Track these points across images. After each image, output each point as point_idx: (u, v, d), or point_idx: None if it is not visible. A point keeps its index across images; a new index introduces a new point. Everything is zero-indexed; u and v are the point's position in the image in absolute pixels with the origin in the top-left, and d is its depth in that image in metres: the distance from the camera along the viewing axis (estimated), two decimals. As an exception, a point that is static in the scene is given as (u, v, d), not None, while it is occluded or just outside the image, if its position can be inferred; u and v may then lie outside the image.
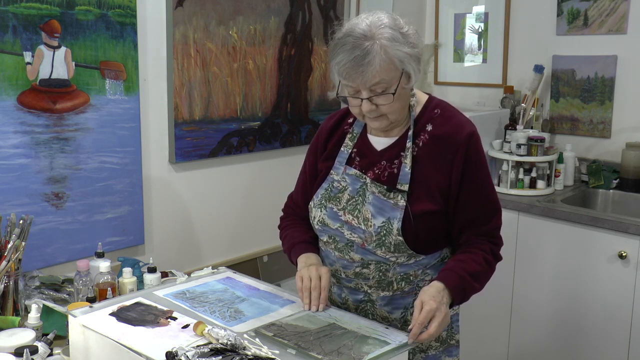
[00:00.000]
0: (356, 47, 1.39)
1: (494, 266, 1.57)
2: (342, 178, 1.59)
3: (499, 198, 1.62)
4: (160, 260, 2.46)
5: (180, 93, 2.55)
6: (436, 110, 1.57)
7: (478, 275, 1.52)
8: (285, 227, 1.75)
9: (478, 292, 1.55)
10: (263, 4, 2.81)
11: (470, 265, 1.50)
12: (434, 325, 1.37)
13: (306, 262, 1.58)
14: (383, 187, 1.53)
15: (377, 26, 1.42)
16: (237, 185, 2.88)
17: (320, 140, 1.69)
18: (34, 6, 2.07)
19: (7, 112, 2.05)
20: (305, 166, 1.74)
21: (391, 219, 1.49)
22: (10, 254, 1.74)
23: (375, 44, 1.40)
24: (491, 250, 1.56)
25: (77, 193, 2.26)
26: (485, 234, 1.56)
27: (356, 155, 1.60)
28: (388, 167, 1.55)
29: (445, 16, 3.63)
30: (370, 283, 1.56)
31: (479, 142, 1.55)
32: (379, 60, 1.39)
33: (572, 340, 2.68)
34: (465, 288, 1.48)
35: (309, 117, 3.11)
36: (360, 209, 1.54)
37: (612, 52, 3.02)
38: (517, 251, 2.79)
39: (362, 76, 1.40)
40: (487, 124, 3.10)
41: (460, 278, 1.47)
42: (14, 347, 1.50)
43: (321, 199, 1.60)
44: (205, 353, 1.23)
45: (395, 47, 1.41)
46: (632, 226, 2.46)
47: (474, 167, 1.52)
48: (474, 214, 1.54)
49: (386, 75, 1.42)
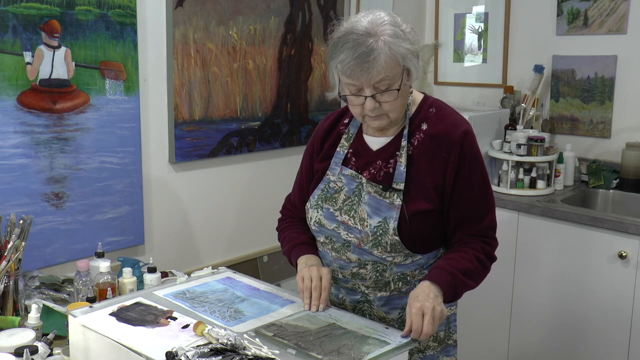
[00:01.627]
0: (360, 44, 1.39)
1: (488, 265, 1.56)
2: (338, 178, 1.59)
3: (495, 198, 1.62)
4: (160, 260, 2.46)
5: (180, 93, 2.55)
6: (431, 109, 1.57)
7: (470, 272, 1.50)
8: (284, 229, 1.74)
9: (472, 289, 1.54)
10: (263, 4, 2.81)
11: (460, 263, 1.49)
12: (426, 322, 1.36)
13: (306, 262, 1.58)
14: (379, 186, 1.53)
15: (379, 23, 1.42)
16: (237, 185, 2.88)
17: (316, 141, 1.69)
18: (34, 6, 2.07)
19: (7, 112, 2.05)
20: (302, 167, 1.74)
21: (387, 219, 1.49)
22: (10, 254, 1.74)
23: (380, 40, 1.40)
24: (483, 249, 1.54)
25: (77, 193, 2.26)
26: (478, 233, 1.55)
27: (352, 155, 1.60)
28: (384, 167, 1.55)
29: (445, 16, 3.63)
30: (367, 283, 1.56)
31: (474, 140, 1.55)
32: (384, 57, 1.39)
33: (572, 340, 2.68)
34: (456, 284, 1.47)
35: (309, 117, 3.11)
36: (356, 209, 1.53)
37: (612, 52, 3.02)
38: (517, 251, 2.79)
39: (368, 73, 1.40)
40: (487, 124, 3.10)
41: (450, 274, 1.47)
42: (14, 347, 1.50)
43: (317, 200, 1.60)
44: (205, 353, 1.23)
45: (397, 43, 1.41)
46: (632, 226, 2.46)
47: (469, 165, 1.52)
48: (467, 212, 1.53)
49: (390, 71, 1.42)
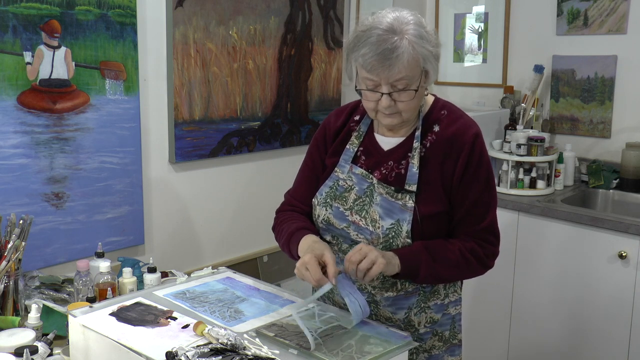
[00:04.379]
0: (384, 40, 1.39)
1: (475, 266, 1.53)
2: (348, 177, 1.58)
3: (498, 200, 1.61)
4: (160, 260, 2.46)
5: (180, 93, 2.55)
6: (443, 111, 1.57)
7: (444, 260, 1.48)
8: (280, 222, 1.66)
9: (445, 280, 1.53)
10: (263, 4, 2.81)
11: (438, 247, 1.48)
12: (365, 260, 1.36)
13: (304, 246, 1.49)
14: (391, 188, 1.52)
15: (404, 22, 1.42)
16: (237, 185, 2.88)
17: (326, 134, 1.67)
18: (34, 6, 2.07)
19: (7, 112, 2.05)
20: (307, 162, 1.71)
21: (400, 221, 1.49)
22: (10, 254, 1.74)
23: (404, 39, 1.40)
24: (472, 249, 1.51)
25: (77, 193, 2.26)
26: (474, 234, 1.53)
27: (362, 153, 1.60)
28: (395, 168, 1.55)
29: (445, 16, 3.63)
30: (374, 284, 1.56)
31: (483, 143, 1.56)
32: (407, 56, 1.39)
33: (572, 340, 2.68)
34: (420, 262, 1.45)
35: (309, 117, 3.11)
36: (368, 210, 1.53)
37: (612, 52, 3.02)
38: (517, 251, 2.79)
39: (389, 70, 1.40)
40: (487, 124, 3.10)
41: (417, 251, 1.46)
42: (14, 347, 1.50)
43: (326, 197, 1.59)
44: (205, 353, 1.23)
45: (421, 44, 1.41)
46: (632, 226, 2.46)
47: (475, 167, 1.52)
48: (467, 212, 1.53)
49: (410, 72, 1.42)
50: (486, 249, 1.54)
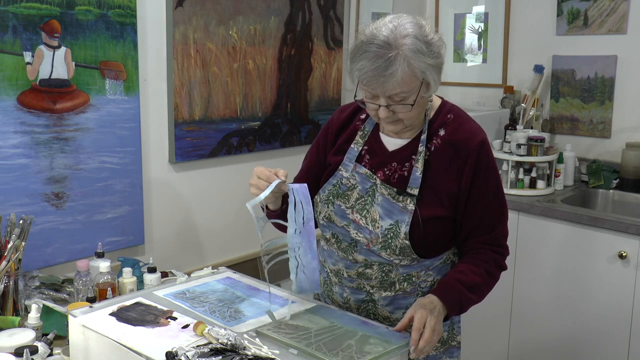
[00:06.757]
0: (379, 56, 1.37)
1: (498, 276, 1.56)
2: (351, 175, 1.58)
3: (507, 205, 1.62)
4: (160, 260, 2.46)
5: (180, 93, 2.55)
6: (449, 115, 1.57)
7: (476, 287, 1.50)
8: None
9: (477, 303, 1.54)
10: (263, 4, 2.81)
11: (469, 277, 1.49)
12: (428, 329, 1.35)
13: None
14: (393, 189, 1.52)
15: (402, 35, 1.39)
16: (237, 185, 2.88)
17: (330, 132, 1.67)
18: (34, 6, 2.07)
19: (7, 112, 2.05)
20: (309, 159, 1.72)
21: (399, 222, 1.49)
22: (10, 254, 1.74)
23: (399, 54, 1.37)
24: (494, 260, 1.54)
25: (77, 193, 2.26)
26: (490, 241, 1.55)
27: (366, 153, 1.60)
28: (399, 170, 1.54)
29: (445, 16, 3.63)
30: (372, 283, 1.56)
31: (490, 149, 1.55)
32: (401, 73, 1.37)
33: (572, 339, 2.68)
34: (462, 302, 1.48)
35: (309, 117, 3.11)
36: (369, 209, 1.53)
37: (612, 52, 3.02)
38: (517, 251, 2.79)
39: (383, 86, 1.39)
40: (487, 124, 3.09)
41: (458, 293, 1.47)
42: (14, 347, 1.50)
43: (328, 195, 1.59)
44: (205, 353, 1.23)
45: (418, 58, 1.38)
46: (632, 226, 2.46)
47: (484, 174, 1.52)
48: (480, 220, 1.53)
49: (406, 86, 1.40)
50: (502, 255, 1.58)
